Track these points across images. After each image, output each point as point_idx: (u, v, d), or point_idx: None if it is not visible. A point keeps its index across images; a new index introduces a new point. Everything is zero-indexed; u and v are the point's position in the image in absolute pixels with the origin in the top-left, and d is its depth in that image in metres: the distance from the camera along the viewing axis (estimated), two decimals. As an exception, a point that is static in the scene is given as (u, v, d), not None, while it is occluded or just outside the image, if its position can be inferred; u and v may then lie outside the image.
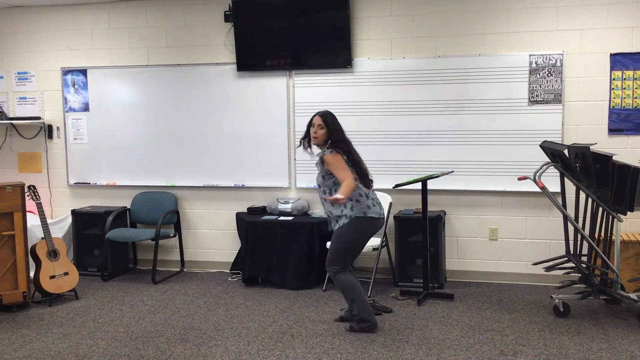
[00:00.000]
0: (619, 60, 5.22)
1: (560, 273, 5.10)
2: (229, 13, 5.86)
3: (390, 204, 5.44)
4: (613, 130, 5.29)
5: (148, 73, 6.16)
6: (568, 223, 4.72)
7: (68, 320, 4.68)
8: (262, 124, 5.95)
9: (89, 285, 5.67)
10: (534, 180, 4.51)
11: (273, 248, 5.50)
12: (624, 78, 5.23)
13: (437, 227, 5.34)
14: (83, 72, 6.29)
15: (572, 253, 4.74)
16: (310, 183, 4.52)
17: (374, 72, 5.66)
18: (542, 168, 4.56)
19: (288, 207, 5.69)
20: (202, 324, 4.53)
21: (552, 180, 5.19)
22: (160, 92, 6.14)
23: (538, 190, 5.18)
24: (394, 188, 5.15)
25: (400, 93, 5.61)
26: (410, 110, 5.61)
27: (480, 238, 5.64)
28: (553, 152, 4.64)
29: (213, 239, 6.21)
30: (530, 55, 5.34)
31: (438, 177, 5.02)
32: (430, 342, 4.10)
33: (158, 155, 6.20)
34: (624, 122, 5.26)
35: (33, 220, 5.59)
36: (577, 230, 4.63)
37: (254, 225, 5.56)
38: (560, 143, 5.12)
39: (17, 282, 4.92)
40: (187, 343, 4.15)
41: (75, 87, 6.32)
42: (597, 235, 4.68)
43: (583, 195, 4.80)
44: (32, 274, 5.15)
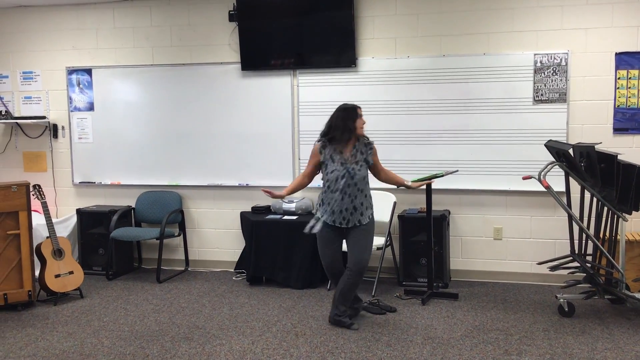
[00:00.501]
0: (624, 59, 5.21)
1: (565, 273, 5.08)
2: (234, 12, 5.86)
3: (395, 203, 5.44)
4: (618, 130, 5.27)
5: (153, 72, 6.17)
6: (573, 222, 4.71)
7: (73, 319, 4.69)
8: (266, 124, 5.95)
9: (94, 284, 5.68)
10: (539, 180, 4.50)
11: (277, 247, 5.51)
12: (629, 77, 5.21)
13: (441, 226, 5.33)
14: (88, 71, 6.31)
15: (577, 253, 4.73)
16: (314, 182, 4.51)
17: (379, 71, 5.66)
18: (546, 167, 4.55)
19: (292, 206, 5.70)
20: (206, 323, 4.54)
21: (557, 180, 5.18)
22: (165, 91, 6.15)
23: (543, 190, 5.17)
24: (398, 187, 5.15)
25: (405, 92, 5.61)
26: (415, 110, 5.61)
27: (485, 237, 5.63)
28: (558, 151, 4.62)
29: (217, 238, 6.22)
30: (535, 55, 5.32)
31: (442, 176, 5.01)
32: (435, 341, 4.10)
33: (163, 155, 6.22)
34: (629, 121, 5.24)
35: (38, 220, 5.61)
36: (582, 230, 4.62)
37: (259, 225, 5.56)
38: (565, 142, 5.11)
39: (22, 281, 4.94)
40: (191, 342, 4.16)
41: (80, 86, 6.34)
42: (602, 235, 4.67)
43: (588, 195, 4.78)
44: (37, 273, 5.16)
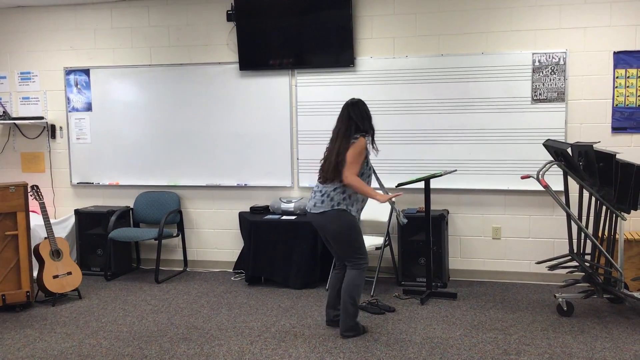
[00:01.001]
0: (623, 58, 5.21)
1: (564, 272, 5.09)
2: (232, 12, 5.86)
3: (393, 204, 5.42)
4: (616, 129, 5.27)
5: (151, 73, 6.16)
6: (571, 222, 4.71)
7: (71, 320, 4.68)
8: (264, 123, 5.95)
9: (92, 285, 5.67)
10: (537, 179, 4.49)
11: (276, 247, 5.50)
12: (628, 76, 5.21)
13: (440, 226, 5.33)
14: (86, 71, 6.30)
15: (575, 252, 4.73)
16: (313, 182, 4.51)
17: (377, 71, 5.65)
18: (545, 167, 4.55)
19: (291, 206, 5.69)
20: (205, 324, 4.54)
21: (555, 179, 5.18)
22: (163, 91, 6.15)
23: (541, 189, 5.18)
24: (397, 187, 5.15)
25: (403, 92, 5.61)
26: (413, 109, 5.61)
27: (484, 237, 5.63)
28: (556, 150, 4.62)
29: (216, 239, 6.22)
30: (533, 54, 5.32)
31: (441, 176, 5.01)
32: (434, 341, 4.10)
33: (161, 155, 6.21)
34: (628, 120, 5.24)
35: (36, 220, 5.61)
36: (580, 229, 4.62)
37: (257, 225, 5.56)
38: (564, 141, 5.11)
39: (20, 281, 4.93)
40: (190, 342, 4.15)
41: (78, 86, 6.33)
42: (600, 234, 4.67)
43: (586, 194, 4.79)
44: (35, 274, 5.16)
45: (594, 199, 4.60)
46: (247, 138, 6.00)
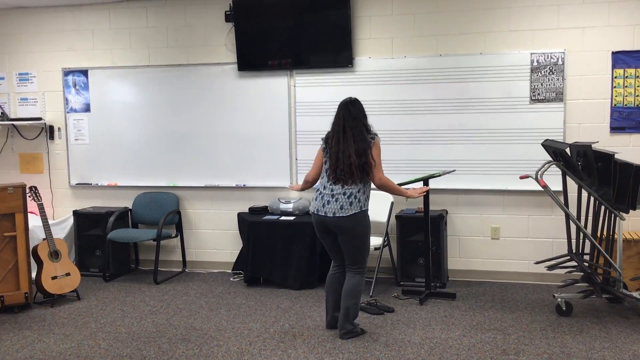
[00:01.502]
0: (621, 58, 5.21)
1: (563, 272, 5.09)
2: (230, 13, 5.86)
3: (392, 204, 5.43)
4: (615, 129, 5.27)
5: (149, 73, 6.16)
6: (570, 222, 4.71)
7: (70, 321, 4.68)
8: (263, 124, 5.94)
9: (91, 286, 5.67)
10: (536, 179, 4.50)
11: (275, 248, 5.50)
12: (626, 76, 5.21)
13: (439, 226, 5.33)
14: (84, 72, 6.29)
15: (574, 252, 4.73)
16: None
17: (375, 71, 5.65)
18: (544, 167, 4.55)
19: (289, 207, 5.69)
20: (203, 324, 4.53)
21: (554, 179, 5.18)
22: (162, 92, 6.14)
23: (540, 189, 5.18)
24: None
25: (402, 92, 5.61)
26: (412, 110, 5.60)
27: (482, 237, 5.63)
28: (555, 150, 4.62)
29: (215, 239, 6.21)
30: (532, 54, 5.32)
31: (440, 176, 5.00)
32: (433, 341, 4.10)
33: (159, 156, 6.20)
34: (626, 120, 5.24)
35: (35, 221, 5.60)
36: (579, 229, 4.62)
37: (256, 225, 5.56)
38: (562, 141, 5.11)
39: (19, 283, 4.92)
40: (188, 343, 4.15)
41: (77, 87, 6.33)
42: (599, 234, 4.67)
43: (585, 194, 4.79)
44: (33, 275, 5.15)
45: (593, 199, 4.61)
46: (245, 139, 6.00)
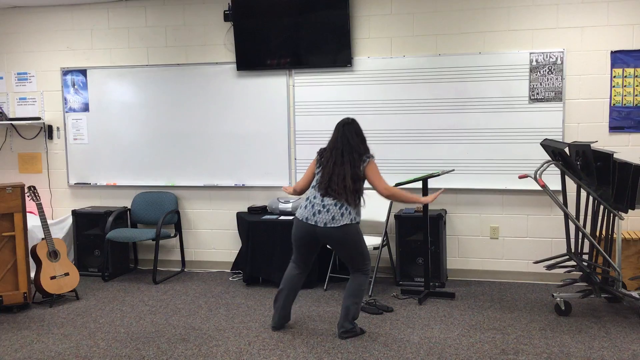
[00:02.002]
0: (620, 58, 5.21)
1: (562, 271, 5.09)
2: (229, 12, 5.85)
3: (391, 203, 5.43)
4: (614, 128, 5.27)
5: (148, 73, 6.15)
6: (569, 221, 4.71)
7: (69, 321, 4.67)
8: (262, 124, 5.94)
9: (90, 286, 5.66)
10: (535, 179, 4.50)
11: (274, 248, 5.50)
12: (625, 75, 5.21)
13: (438, 225, 5.33)
14: (83, 72, 6.29)
15: (573, 251, 4.73)
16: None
17: (374, 70, 5.65)
18: (542, 166, 4.55)
19: (289, 206, 5.69)
20: (203, 324, 4.53)
21: (553, 179, 5.18)
22: (160, 92, 6.14)
23: (539, 189, 5.18)
24: (395, 187, 5.14)
25: (401, 92, 5.61)
26: (411, 109, 5.60)
27: (481, 237, 5.63)
28: (554, 150, 4.62)
29: (214, 239, 6.21)
30: (531, 53, 5.32)
31: (439, 175, 5.01)
32: (432, 341, 4.10)
33: (158, 155, 6.20)
34: (625, 119, 5.24)
35: (33, 221, 5.59)
36: (578, 229, 4.62)
37: (255, 225, 5.55)
38: (561, 141, 5.11)
39: (17, 283, 4.91)
40: (188, 343, 4.15)
41: (75, 87, 6.32)
42: (598, 234, 4.67)
43: (584, 194, 4.79)
44: (32, 275, 5.15)
45: (592, 199, 4.61)
46: (244, 138, 5.99)
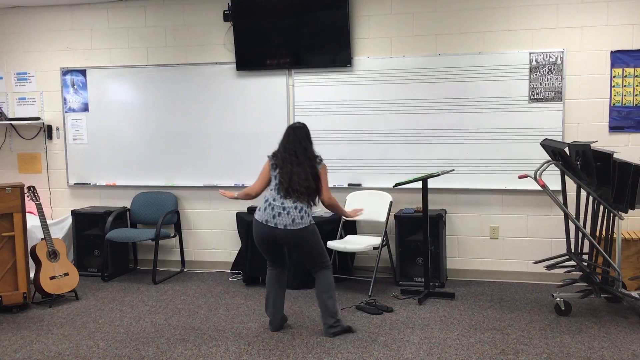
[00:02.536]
0: (620, 58, 5.20)
1: (562, 271, 5.09)
2: (228, 12, 5.85)
3: (391, 203, 5.42)
4: (614, 128, 5.27)
5: (147, 73, 6.15)
6: (569, 221, 4.71)
7: (68, 321, 4.67)
8: (262, 124, 5.93)
9: (89, 286, 5.66)
10: (535, 179, 4.49)
11: (273, 248, 5.48)
12: (625, 75, 5.21)
13: (437, 225, 5.33)
14: (82, 72, 6.28)
15: (573, 251, 4.73)
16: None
17: (374, 70, 5.65)
18: (542, 166, 4.55)
19: (288, 206, 5.67)
20: (202, 324, 4.53)
21: (553, 179, 5.18)
22: (160, 91, 6.13)
23: (539, 189, 5.18)
24: (394, 187, 5.15)
25: (400, 92, 5.60)
26: (410, 109, 5.60)
27: (481, 237, 5.62)
28: (554, 150, 4.62)
29: (213, 239, 6.20)
30: (531, 53, 5.32)
31: (438, 175, 5.01)
32: (432, 341, 4.09)
33: (158, 155, 6.20)
34: (625, 119, 5.24)
35: (33, 221, 5.59)
36: (578, 229, 4.62)
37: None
38: (561, 141, 5.10)
39: (17, 283, 4.91)
40: (187, 343, 4.14)
41: (75, 87, 6.32)
42: (598, 234, 4.67)
43: (584, 194, 4.79)
44: (32, 275, 5.14)
45: (592, 199, 4.61)
46: (244, 138, 5.99)
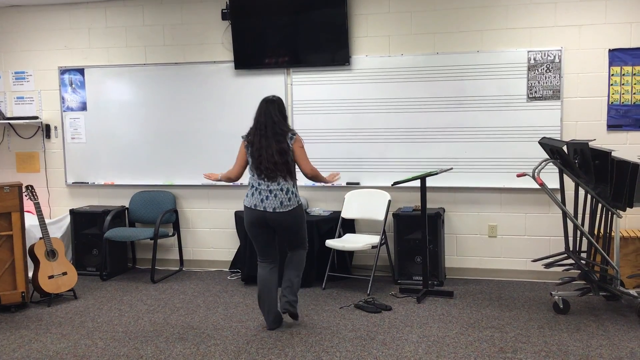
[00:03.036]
0: (618, 56, 5.21)
1: (560, 270, 5.09)
2: (227, 11, 5.84)
3: (389, 202, 5.42)
4: (612, 126, 5.27)
5: (145, 72, 6.14)
6: (567, 219, 4.71)
7: (67, 320, 4.67)
8: (260, 122, 5.93)
9: (88, 285, 5.66)
10: (533, 177, 4.50)
11: (272, 246, 5.48)
12: (623, 74, 5.21)
13: (436, 224, 5.33)
14: (80, 71, 6.28)
15: (571, 250, 4.73)
16: (309, 181, 4.50)
17: (372, 69, 5.64)
18: (541, 165, 4.55)
19: (287, 205, 5.67)
20: (201, 323, 4.53)
21: (551, 177, 5.18)
22: (158, 90, 6.13)
23: (537, 187, 5.18)
24: (393, 185, 5.15)
25: (399, 90, 5.60)
26: (409, 108, 5.60)
27: (480, 235, 5.63)
28: (552, 148, 4.62)
29: (212, 238, 6.20)
30: (529, 52, 5.32)
31: (437, 174, 5.01)
32: (430, 339, 4.10)
33: (156, 154, 6.19)
34: (623, 117, 5.24)
35: (31, 220, 5.58)
36: (576, 227, 4.63)
37: (253, 224, 5.53)
38: (559, 139, 5.11)
39: (15, 282, 4.91)
40: (186, 342, 4.14)
41: (73, 86, 6.31)
42: (596, 232, 4.67)
43: (582, 192, 4.79)
44: (30, 274, 5.14)
45: (590, 197, 4.61)
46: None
